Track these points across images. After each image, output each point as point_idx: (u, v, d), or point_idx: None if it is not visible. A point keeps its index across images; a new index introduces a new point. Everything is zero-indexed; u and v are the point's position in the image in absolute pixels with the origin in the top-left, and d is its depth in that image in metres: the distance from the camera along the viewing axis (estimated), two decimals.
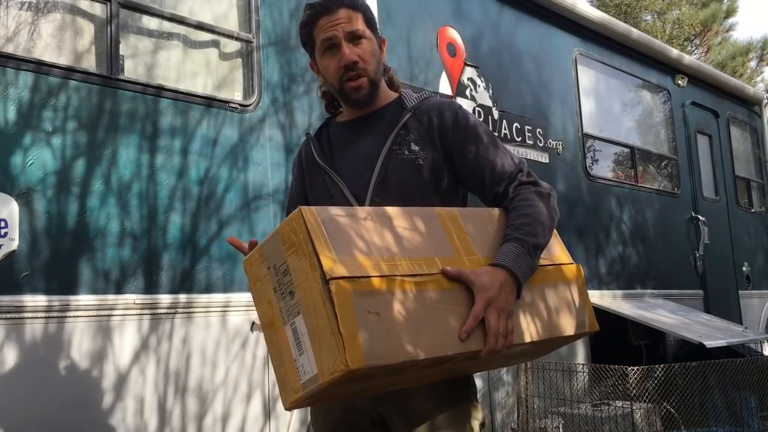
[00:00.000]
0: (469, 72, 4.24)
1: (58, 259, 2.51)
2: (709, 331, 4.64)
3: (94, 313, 2.56)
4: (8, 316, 2.36)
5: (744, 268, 6.53)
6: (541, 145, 4.61)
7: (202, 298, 2.85)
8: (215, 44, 3.18)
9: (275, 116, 3.23)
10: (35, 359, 2.42)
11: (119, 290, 2.64)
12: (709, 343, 4.16)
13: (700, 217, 5.96)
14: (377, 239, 1.38)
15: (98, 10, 2.80)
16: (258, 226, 3.06)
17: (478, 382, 3.84)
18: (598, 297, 4.77)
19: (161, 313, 2.73)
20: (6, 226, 2.40)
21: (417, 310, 1.33)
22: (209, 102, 3.02)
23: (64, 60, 2.70)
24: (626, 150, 5.65)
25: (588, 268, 4.80)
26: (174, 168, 2.86)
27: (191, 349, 2.79)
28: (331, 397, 1.51)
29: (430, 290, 1.37)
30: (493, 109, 4.33)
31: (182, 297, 2.79)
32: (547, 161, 4.63)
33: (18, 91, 2.50)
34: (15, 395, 2.37)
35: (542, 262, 1.55)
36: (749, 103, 7.29)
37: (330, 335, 1.26)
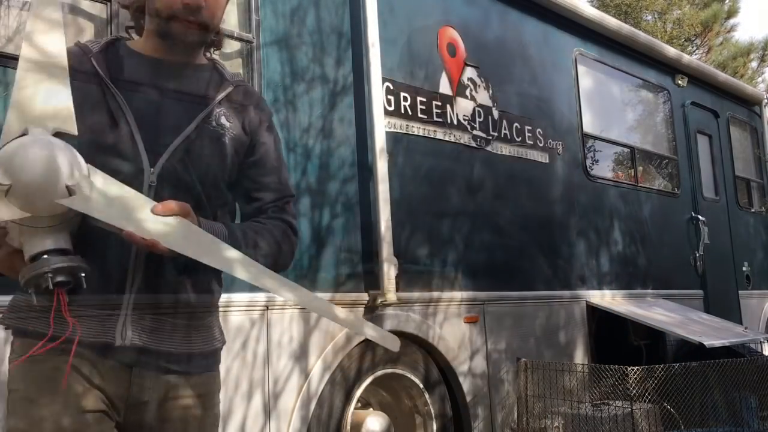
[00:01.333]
0: (469, 72, 4.24)
1: None
2: (709, 331, 4.65)
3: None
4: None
5: (744, 268, 6.53)
6: (541, 145, 4.61)
7: None
8: None
9: (275, 116, 3.23)
10: None
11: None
12: (709, 343, 4.17)
13: (700, 217, 5.96)
14: None
15: (98, 10, 2.80)
16: None
17: (480, 381, 3.84)
18: (599, 297, 4.77)
19: None
20: None
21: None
22: None
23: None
24: (626, 150, 5.65)
25: (588, 268, 4.81)
26: None
27: None
28: None
29: None
30: (493, 109, 4.33)
31: None
32: (547, 161, 4.63)
33: None
34: None
35: None
36: (749, 103, 7.29)
37: None
